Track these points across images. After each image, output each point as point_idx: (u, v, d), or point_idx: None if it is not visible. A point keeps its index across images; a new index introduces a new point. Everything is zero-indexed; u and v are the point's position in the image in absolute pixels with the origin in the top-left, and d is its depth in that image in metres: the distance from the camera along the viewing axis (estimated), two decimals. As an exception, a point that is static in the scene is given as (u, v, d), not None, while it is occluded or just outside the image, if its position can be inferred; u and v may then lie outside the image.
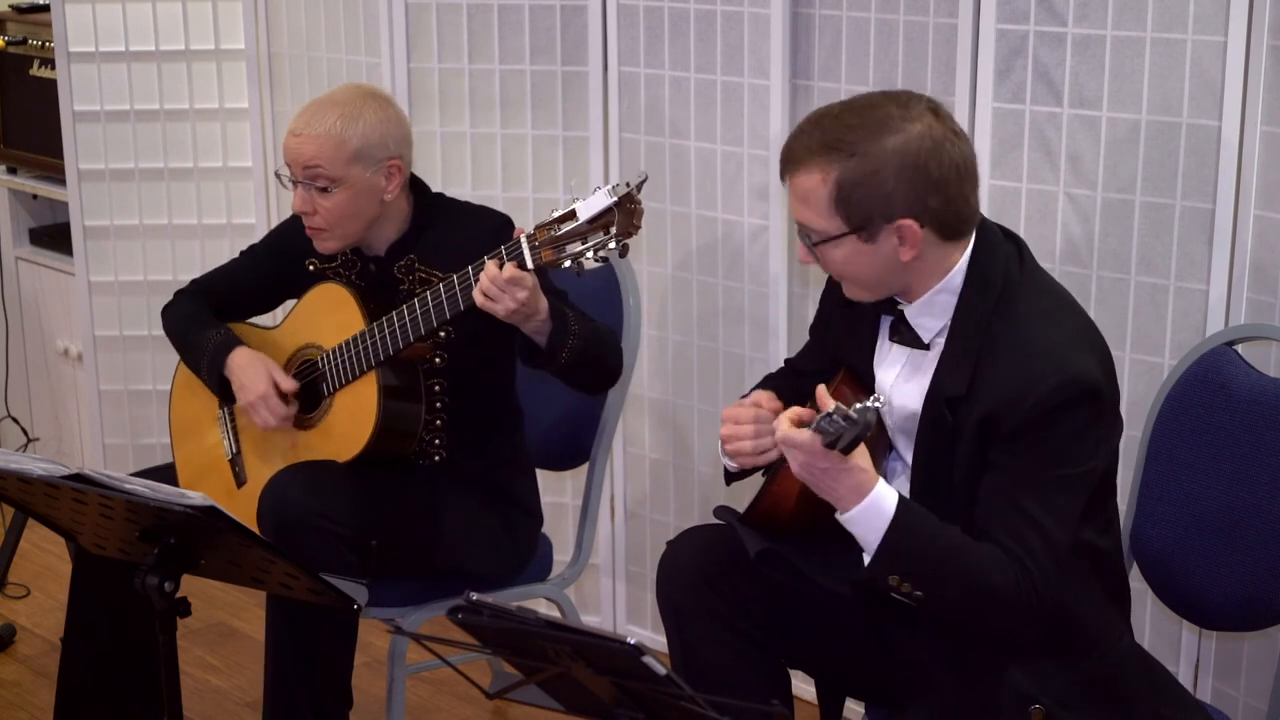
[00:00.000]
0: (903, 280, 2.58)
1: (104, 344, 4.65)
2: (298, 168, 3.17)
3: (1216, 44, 3.04)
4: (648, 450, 4.07)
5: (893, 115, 2.51)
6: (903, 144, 2.49)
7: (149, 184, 4.55)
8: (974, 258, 2.58)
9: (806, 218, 2.55)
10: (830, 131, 2.52)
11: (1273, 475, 2.71)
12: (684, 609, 2.73)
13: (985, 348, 2.52)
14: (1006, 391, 2.47)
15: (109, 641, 3.31)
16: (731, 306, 3.82)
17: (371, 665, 3.78)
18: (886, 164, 2.49)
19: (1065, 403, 2.46)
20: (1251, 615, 2.76)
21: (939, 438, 2.56)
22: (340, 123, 3.14)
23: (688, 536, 2.82)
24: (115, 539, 2.70)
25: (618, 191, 2.85)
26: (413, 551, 3.22)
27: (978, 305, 2.56)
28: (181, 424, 3.49)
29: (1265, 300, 3.07)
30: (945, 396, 2.54)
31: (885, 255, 2.54)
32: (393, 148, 3.19)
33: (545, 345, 3.04)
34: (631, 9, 3.83)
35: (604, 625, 4.15)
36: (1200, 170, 3.10)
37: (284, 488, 3.09)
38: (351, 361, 3.17)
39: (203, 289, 3.48)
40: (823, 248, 2.56)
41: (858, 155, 2.49)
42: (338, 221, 3.19)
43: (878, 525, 2.45)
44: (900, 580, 2.46)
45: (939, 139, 2.51)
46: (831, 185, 2.50)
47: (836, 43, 3.56)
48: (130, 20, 4.46)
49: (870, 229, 2.51)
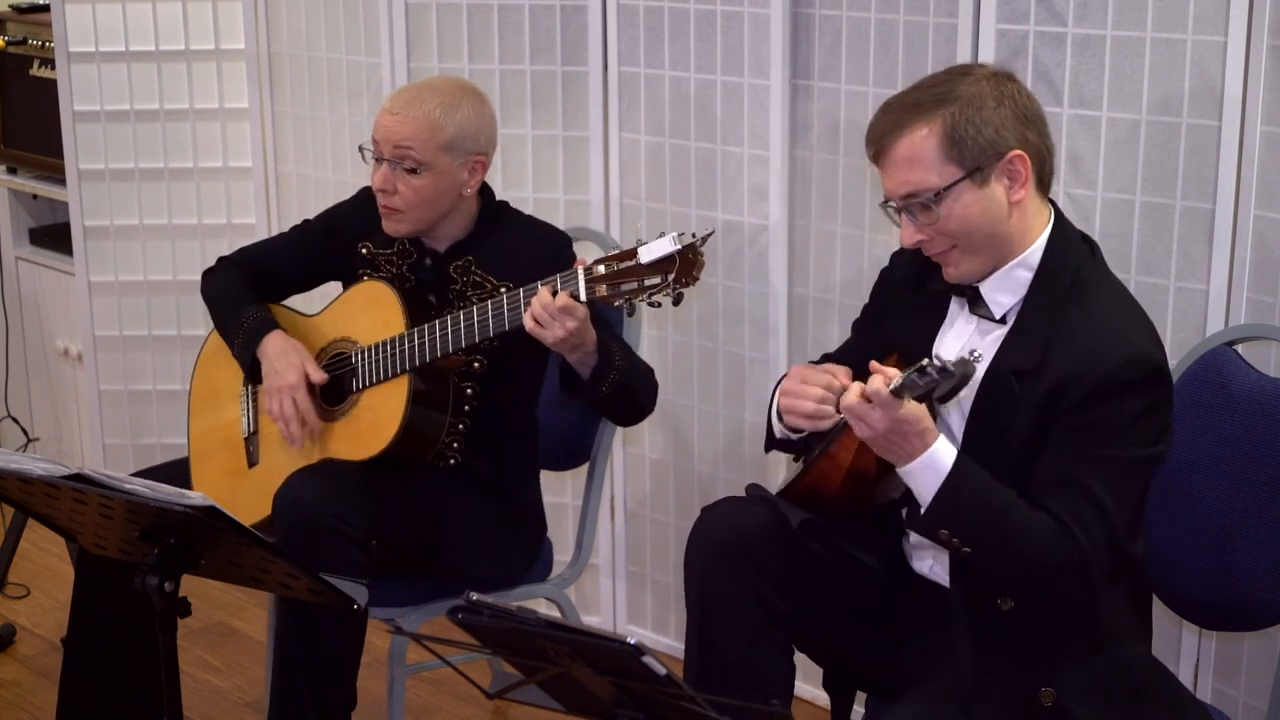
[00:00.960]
0: (1006, 238, 2.60)
1: (104, 344, 4.65)
2: (388, 145, 3.20)
3: (1216, 44, 3.04)
4: (648, 450, 4.07)
5: (966, 70, 2.62)
6: (990, 83, 2.58)
7: (149, 184, 4.55)
8: (1051, 240, 2.63)
9: (917, 178, 2.57)
10: (917, 95, 2.59)
11: (1273, 475, 2.71)
12: (712, 573, 2.74)
13: (1058, 326, 2.56)
14: (1073, 367, 2.51)
15: (110, 642, 3.31)
16: (731, 307, 3.82)
17: (372, 665, 3.77)
18: (984, 97, 2.56)
19: (1130, 381, 2.50)
20: (1251, 615, 2.76)
21: (1000, 409, 2.57)
22: (440, 110, 3.18)
23: (723, 506, 2.83)
24: (115, 539, 2.70)
25: (682, 240, 2.87)
26: (418, 552, 3.22)
27: (1052, 287, 2.60)
28: (202, 394, 3.49)
29: (1265, 300, 3.07)
30: (1014, 369, 2.56)
31: (997, 201, 2.58)
32: (483, 144, 3.24)
33: (588, 377, 3.07)
34: (631, 9, 3.83)
35: (604, 625, 4.15)
36: (1200, 170, 3.10)
37: (299, 489, 3.09)
38: (386, 362, 3.17)
39: (248, 260, 3.48)
40: (940, 206, 2.56)
41: (956, 100, 2.56)
42: (415, 205, 3.21)
43: (932, 480, 2.49)
44: (950, 535, 2.50)
45: (1011, 77, 2.62)
46: (940, 132, 2.55)
47: (836, 43, 3.56)
48: (130, 20, 4.47)
49: (984, 169, 2.56)
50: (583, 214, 3.99)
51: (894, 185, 2.60)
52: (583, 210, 4.00)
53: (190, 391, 3.52)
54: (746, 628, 2.71)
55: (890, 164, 2.59)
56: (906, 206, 2.60)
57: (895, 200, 2.60)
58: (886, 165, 2.60)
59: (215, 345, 3.47)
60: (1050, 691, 2.54)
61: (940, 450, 2.49)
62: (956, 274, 2.65)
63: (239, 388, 3.41)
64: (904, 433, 2.47)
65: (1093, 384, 2.49)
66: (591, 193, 3.99)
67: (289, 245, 3.48)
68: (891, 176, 2.60)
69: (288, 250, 3.47)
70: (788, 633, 2.76)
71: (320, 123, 4.35)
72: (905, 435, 2.47)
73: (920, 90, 2.61)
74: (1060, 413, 2.51)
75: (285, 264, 3.46)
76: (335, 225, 3.41)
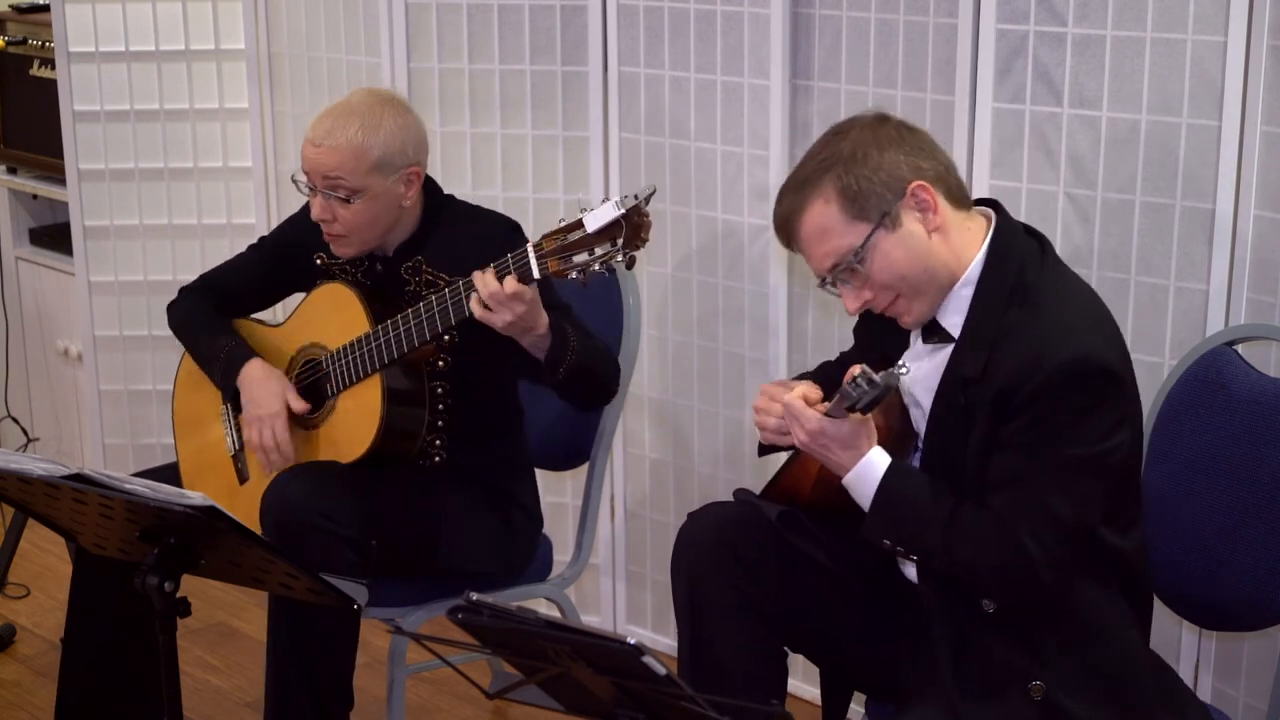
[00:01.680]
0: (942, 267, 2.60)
1: (104, 344, 4.65)
2: (317, 177, 3.16)
3: (1216, 44, 3.04)
4: (647, 450, 4.07)
5: (840, 130, 2.63)
6: (860, 132, 2.59)
7: (149, 184, 4.55)
8: (991, 248, 2.62)
9: (833, 247, 2.58)
10: (803, 171, 2.62)
11: (1273, 475, 2.71)
12: (699, 578, 2.74)
13: (1003, 333, 2.55)
14: (1018, 370, 2.51)
15: (109, 642, 3.31)
16: (731, 307, 3.82)
17: (372, 665, 3.78)
18: (865, 147, 2.57)
19: (1071, 378, 2.48)
20: (1252, 615, 2.76)
21: (952, 419, 2.59)
22: (361, 133, 3.13)
23: (708, 510, 2.85)
24: (115, 539, 2.70)
25: (625, 204, 2.85)
26: (414, 552, 3.22)
27: (994, 292, 2.59)
28: (184, 417, 3.49)
29: (1265, 300, 3.07)
30: (960, 377, 2.57)
31: (917, 236, 2.57)
32: (412, 154, 3.19)
33: (544, 360, 3.06)
34: (631, 9, 3.83)
35: (604, 625, 4.15)
36: (1200, 170, 3.10)
37: (285, 488, 3.09)
38: (356, 364, 3.17)
39: (209, 285, 3.48)
40: (866, 264, 2.57)
41: (839, 160, 2.57)
42: (357, 229, 3.19)
43: (868, 490, 2.54)
44: (892, 545, 2.53)
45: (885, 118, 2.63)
46: (835, 196, 2.57)
47: (836, 43, 3.56)
48: (130, 20, 4.47)
49: (890, 213, 2.56)
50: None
51: (818, 262, 2.62)
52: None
53: (172, 414, 3.53)
54: (736, 630, 2.72)
55: (805, 244, 2.62)
56: (837, 277, 2.61)
57: (825, 275, 2.62)
58: (802, 246, 2.63)
59: (189, 369, 3.48)
60: (1040, 685, 2.54)
61: (874, 460, 2.54)
62: (912, 320, 2.65)
63: (219, 406, 3.41)
64: (825, 445, 2.54)
65: (1035, 385, 2.48)
66: (591, 193, 3.98)
67: (247, 265, 3.48)
68: (812, 255, 2.62)
69: (246, 270, 3.47)
70: (778, 633, 2.76)
71: (320, 123, 4.35)
72: (828, 447, 2.54)
73: (805, 166, 2.62)
74: (1008, 415, 2.52)
75: (245, 284, 3.46)
76: (290, 238, 3.40)
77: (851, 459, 2.55)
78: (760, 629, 2.73)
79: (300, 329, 3.33)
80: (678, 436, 4.00)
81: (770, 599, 2.73)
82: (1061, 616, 2.58)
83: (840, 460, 2.56)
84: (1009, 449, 2.52)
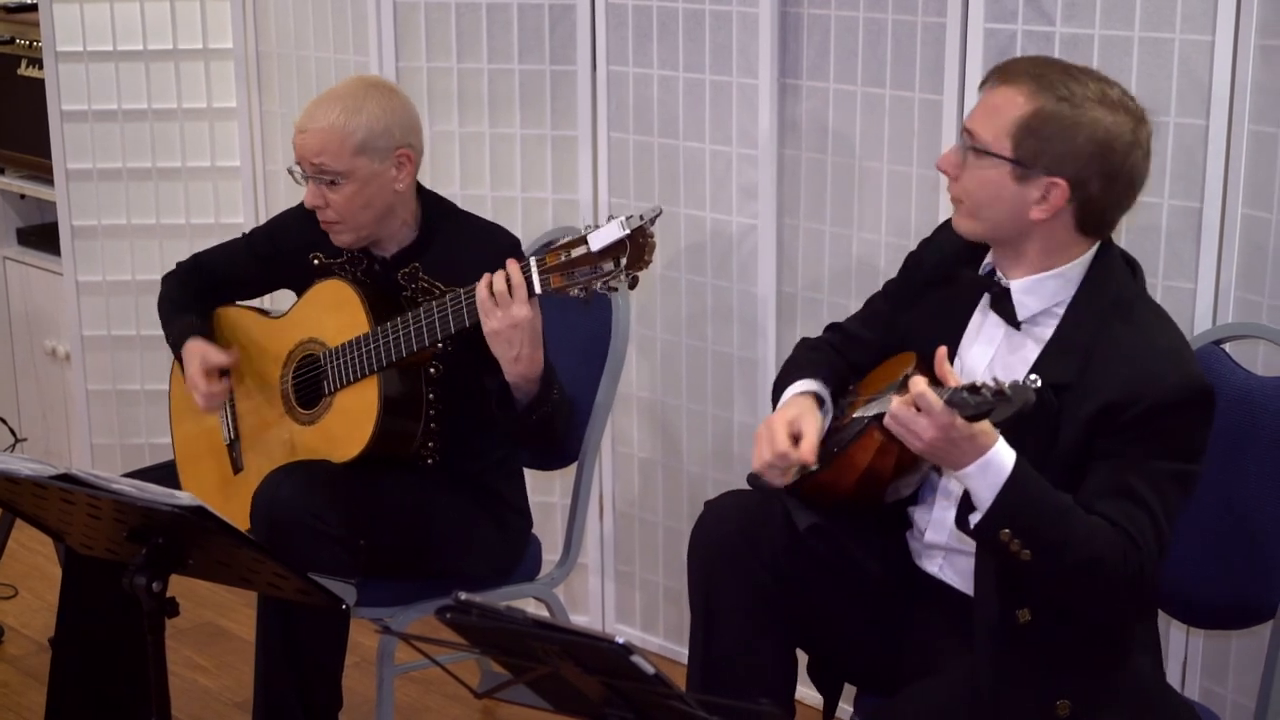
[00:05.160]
0: (1014, 239, 2.61)
1: (92, 344, 4.64)
2: (306, 163, 3.17)
3: (1204, 43, 3.05)
4: (636, 449, 4.07)
5: (1115, 97, 2.58)
6: (1111, 123, 2.55)
7: (137, 184, 4.54)
8: (1098, 259, 2.63)
9: (982, 127, 2.59)
10: (1059, 72, 2.58)
11: (1261, 473, 2.71)
12: (716, 567, 2.73)
13: (1104, 344, 2.55)
14: (1129, 386, 2.50)
15: (98, 642, 3.31)
16: (720, 306, 3.82)
17: (361, 665, 3.78)
18: (1086, 128, 2.54)
19: (1185, 402, 2.51)
20: (1240, 614, 2.76)
21: (1038, 421, 2.53)
22: (343, 115, 3.14)
23: (729, 498, 2.82)
24: (103, 539, 2.70)
25: (631, 224, 2.85)
26: (404, 552, 3.22)
27: (1095, 302, 2.60)
28: (181, 403, 3.49)
29: (1253, 299, 3.07)
30: (1052, 383, 2.53)
31: (1021, 202, 2.58)
32: (399, 136, 3.18)
33: (523, 404, 3.06)
34: (620, 8, 3.82)
35: (593, 625, 4.14)
36: (1188, 169, 3.11)
37: (277, 487, 3.08)
38: (355, 363, 3.16)
39: (200, 265, 3.49)
40: (975, 161, 2.59)
41: (1069, 103, 2.55)
42: (349, 214, 3.18)
43: (994, 481, 2.46)
44: (1011, 536, 2.46)
45: (1138, 143, 2.58)
46: (1029, 111, 2.56)
47: (825, 42, 3.56)
48: (118, 20, 4.46)
49: (1029, 170, 2.55)
50: (571, 213, 3.99)
51: (971, 117, 2.63)
52: (571, 210, 4.00)
53: (169, 400, 3.53)
54: (748, 623, 2.71)
55: (985, 95, 2.62)
56: (963, 140, 2.63)
57: (965, 133, 2.63)
58: (981, 99, 2.62)
59: None
60: (1067, 703, 2.53)
61: (1001, 452, 2.45)
62: (961, 229, 2.67)
63: None
64: (953, 439, 2.43)
65: (1150, 402, 2.48)
66: (580, 192, 3.98)
67: (239, 253, 3.47)
68: (977, 109, 2.63)
69: (238, 260, 3.47)
70: (792, 631, 2.75)
71: (308, 122, 4.34)
72: (954, 442, 2.43)
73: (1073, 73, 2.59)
74: (1114, 428, 2.51)
75: (236, 274, 3.46)
76: (285, 234, 3.39)
77: (975, 453, 2.45)
78: (774, 627, 2.72)
79: (299, 323, 3.32)
80: (666, 436, 4.00)
81: (785, 593, 2.72)
82: (1094, 636, 2.58)
83: (963, 453, 2.45)
84: (1115, 458, 2.51)
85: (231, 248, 3.50)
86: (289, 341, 3.33)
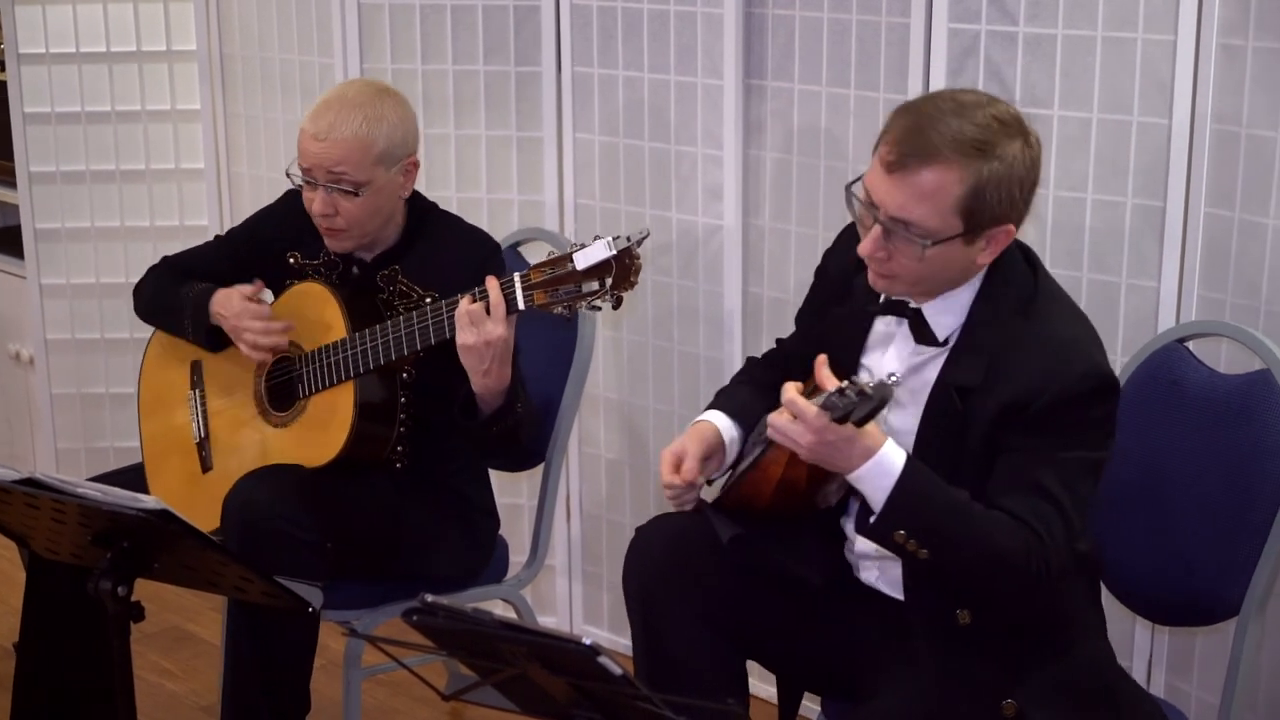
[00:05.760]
0: (945, 281, 2.58)
1: (56, 347, 4.62)
2: (321, 171, 3.13)
3: (1166, 43, 3.06)
4: (603, 450, 4.07)
5: (1009, 117, 2.51)
6: (1021, 150, 2.49)
7: (101, 186, 4.52)
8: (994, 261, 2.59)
9: (919, 215, 2.47)
10: (968, 129, 2.46)
11: (1223, 471, 2.73)
12: (652, 594, 2.73)
13: (1007, 342, 2.54)
14: (1033, 380, 2.49)
15: (63, 647, 3.29)
16: (687, 306, 3.82)
17: (327, 668, 3.76)
18: (1016, 170, 2.48)
19: (1090, 392, 2.50)
20: (1204, 611, 2.78)
21: (945, 427, 2.56)
22: (366, 125, 3.10)
23: (657, 523, 2.82)
24: (68, 543, 2.68)
25: (618, 245, 2.84)
26: (372, 554, 3.21)
27: (998, 303, 2.58)
28: (150, 398, 3.47)
29: (1216, 297, 3.09)
30: (957, 386, 2.55)
31: (968, 257, 2.53)
32: (411, 145, 3.19)
33: (486, 415, 3.05)
34: (585, 9, 3.82)
35: (561, 626, 4.14)
36: (1151, 168, 3.12)
37: (250, 491, 3.07)
38: (330, 368, 3.15)
39: (172, 266, 3.45)
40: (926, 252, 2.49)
41: (995, 158, 2.46)
42: (358, 222, 3.17)
43: (884, 483, 2.45)
44: (906, 537, 2.46)
45: (1038, 145, 2.53)
46: (968, 187, 2.46)
47: (790, 42, 3.56)
48: (81, 21, 4.44)
49: (977, 232, 2.50)
50: (537, 215, 3.99)
51: (893, 203, 2.48)
52: (537, 211, 4.00)
53: (138, 395, 3.51)
54: (692, 643, 2.70)
55: (907, 180, 2.47)
56: (889, 226, 2.51)
57: (883, 214, 2.51)
58: (899, 180, 2.47)
59: (159, 348, 3.46)
60: (1012, 703, 2.54)
61: (889, 452, 2.45)
62: (884, 287, 2.61)
63: (187, 390, 3.40)
64: (832, 442, 2.42)
65: (1052, 397, 2.48)
66: (546, 194, 3.98)
67: (211, 256, 3.44)
68: (897, 193, 2.48)
69: (216, 259, 3.43)
70: (736, 641, 2.74)
71: (273, 124, 4.34)
72: (835, 445, 2.42)
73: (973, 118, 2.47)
74: (1018, 424, 2.50)
75: (210, 273, 3.41)
76: (262, 234, 3.36)
77: (861, 455, 2.44)
78: (717, 640, 2.71)
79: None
80: (633, 436, 4.00)
81: (725, 609, 2.71)
82: (1038, 628, 2.58)
83: (848, 456, 2.44)
84: (1018, 452, 2.50)
85: (204, 250, 3.48)
86: None
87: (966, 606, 2.57)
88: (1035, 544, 2.46)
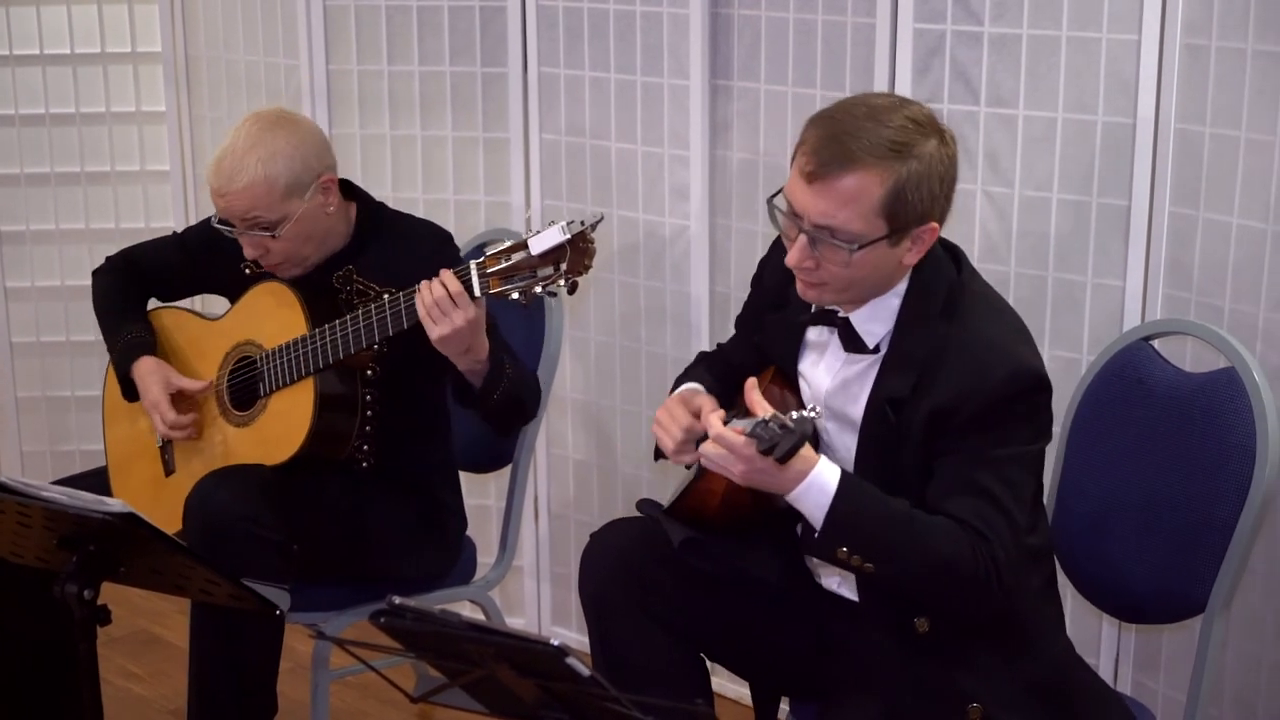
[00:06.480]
0: (874, 286, 2.57)
1: (21, 350, 4.60)
2: (237, 220, 3.15)
3: (1131, 43, 3.07)
4: (571, 451, 4.07)
5: (923, 118, 2.52)
6: (938, 146, 2.51)
7: (65, 188, 4.51)
8: (917, 265, 2.59)
9: (842, 220, 2.47)
10: (884, 132, 2.47)
11: (1189, 469, 2.73)
12: (606, 601, 2.73)
13: (933, 349, 2.54)
14: (958, 386, 2.50)
15: (28, 651, 3.28)
16: (654, 307, 3.83)
17: (295, 670, 3.75)
18: (935, 168, 2.49)
19: (1016, 393, 2.50)
20: (1170, 608, 2.78)
21: (882, 440, 2.57)
22: (262, 167, 3.10)
23: (611, 528, 2.83)
24: (33, 547, 2.67)
25: (571, 229, 2.84)
26: (339, 556, 3.21)
27: (922, 310, 2.57)
28: (115, 404, 3.46)
29: (1181, 295, 3.10)
30: (888, 398, 2.55)
31: (894, 258, 2.54)
32: (316, 164, 3.16)
33: (480, 387, 3.05)
34: (551, 10, 3.82)
35: (529, 627, 4.14)
36: (1116, 167, 3.13)
37: (211, 491, 3.06)
38: (291, 365, 3.15)
39: (132, 262, 3.46)
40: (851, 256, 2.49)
41: (913, 158, 2.47)
42: (294, 252, 3.18)
43: (822, 501, 2.46)
44: (849, 553, 2.47)
45: (954, 143, 2.55)
46: (889, 188, 2.47)
47: (756, 43, 3.57)
48: (45, 23, 4.43)
49: (902, 232, 2.51)
50: (504, 215, 3.99)
51: (816, 210, 2.49)
52: (504, 212, 3.99)
53: (103, 399, 3.50)
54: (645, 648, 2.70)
55: (828, 187, 2.47)
56: (814, 235, 2.51)
57: (806, 223, 2.51)
58: (820, 188, 2.48)
59: None
60: (978, 708, 2.54)
61: (823, 471, 2.46)
62: (813, 297, 2.62)
63: None
64: (763, 469, 2.43)
65: (981, 401, 2.48)
66: (512, 194, 3.98)
67: (171, 254, 3.45)
68: (820, 200, 2.48)
69: (169, 258, 3.45)
70: (693, 643, 2.74)
71: (238, 125, 4.32)
72: (767, 471, 2.43)
73: (888, 121, 2.48)
74: (950, 430, 2.51)
75: (165, 272, 3.45)
76: (217, 242, 3.33)
77: (795, 478, 2.45)
78: (675, 643, 2.72)
79: (237, 326, 3.31)
80: (601, 437, 4.00)
81: (680, 614, 2.71)
82: (996, 629, 2.58)
83: (783, 480, 2.46)
84: (951, 456, 2.51)
85: (164, 244, 3.49)
86: (226, 343, 3.31)
87: (922, 614, 2.57)
88: (980, 544, 2.46)
